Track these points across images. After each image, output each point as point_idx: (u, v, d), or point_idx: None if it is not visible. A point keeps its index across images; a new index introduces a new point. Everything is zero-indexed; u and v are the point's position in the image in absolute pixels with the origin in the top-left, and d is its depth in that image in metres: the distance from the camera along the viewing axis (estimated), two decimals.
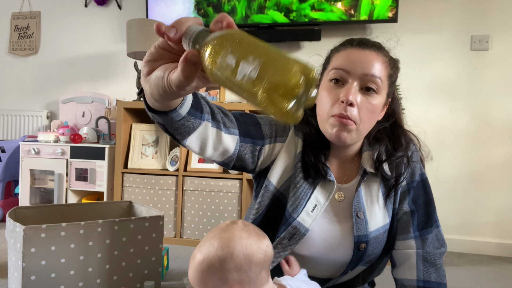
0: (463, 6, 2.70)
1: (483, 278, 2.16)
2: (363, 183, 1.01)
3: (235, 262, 0.78)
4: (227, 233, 0.82)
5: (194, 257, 0.81)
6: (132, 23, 2.76)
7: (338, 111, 0.90)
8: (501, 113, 2.65)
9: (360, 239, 0.98)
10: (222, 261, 0.78)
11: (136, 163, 2.77)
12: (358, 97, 0.91)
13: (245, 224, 0.85)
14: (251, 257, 0.80)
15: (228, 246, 0.79)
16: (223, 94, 2.85)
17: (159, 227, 1.66)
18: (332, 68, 0.95)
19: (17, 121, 3.43)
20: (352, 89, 0.90)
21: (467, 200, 2.69)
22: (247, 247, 0.80)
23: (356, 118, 0.90)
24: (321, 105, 0.96)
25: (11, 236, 1.42)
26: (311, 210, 0.98)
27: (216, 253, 0.79)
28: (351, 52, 0.95)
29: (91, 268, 1.47)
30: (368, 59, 0.92)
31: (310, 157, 0.99)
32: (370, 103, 0.92)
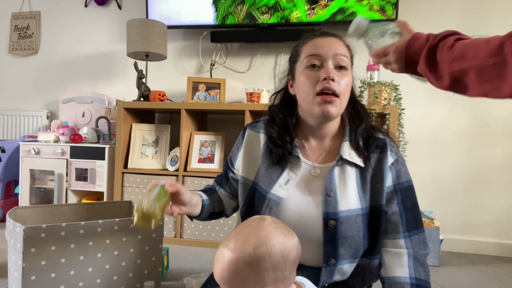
0: (463, 6, 2.70)
1: (483, 278, 2.16)
2: (338, 167, 1.08)
3: (273, 261, 0.76)
4: (262, 230, 0.79)
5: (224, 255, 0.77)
6: (132, 23, 2.76)
7: (321, 87, 1.04)
8: (501, 113, 2.65)
9: (329, 216, 1.03)
10: (260, 260, 0.75)
11: (136, 163, 2.77)
12: (337, 75, 1.05)
13: (275, 220, 0.84)
14: (287, 255, 0.78)
15: (266, 244, 0.77)
16: (223, 94, 2.85)
17: (159, 227, 1.66)
18: (305, 57, 1.09)
19: (17, 121, 3.43)
20: (330, 68, 1.05)
21: (467, 200, 2.70)
22: (283, 245, 0.78)
23: (339, 91, 1.04)
24: (303, 90, 1.08)
25: (11, 236, 1.42)
26: (284, 183, 1.08)
27: (254, 252, 0.76)
28: (318, 40, 1.10)
29: (91, 268, 1.47)
30: (334, 43, 1.09)
31: (276, 142, 1.12)
32: (345, 79, 1.07)
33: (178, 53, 3.20)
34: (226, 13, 2.89)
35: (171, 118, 3.14)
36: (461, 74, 0.81)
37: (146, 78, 2.83)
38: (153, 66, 3.17)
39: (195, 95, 2.85)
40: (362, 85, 2.42)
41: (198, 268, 2.18)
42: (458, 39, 0.85)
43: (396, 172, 1.09)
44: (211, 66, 3.10)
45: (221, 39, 2.98)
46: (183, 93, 3.12)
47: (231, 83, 3.07)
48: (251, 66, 3.07)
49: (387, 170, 1.08)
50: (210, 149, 2.71)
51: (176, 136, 2.88)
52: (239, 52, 3.10)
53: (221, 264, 0.78)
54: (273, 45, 3.01)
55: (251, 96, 2.69)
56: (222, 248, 0.79)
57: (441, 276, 2.16)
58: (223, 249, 0.79)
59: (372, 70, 2.47)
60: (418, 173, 2.75)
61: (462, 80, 0.82)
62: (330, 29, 2.83)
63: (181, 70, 3.20)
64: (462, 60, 0.80)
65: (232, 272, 0.76)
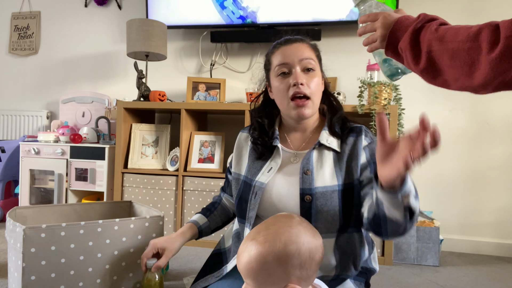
0: (463, 6, 2.70)
1: (483, 278, 2.16)
2: (315, 150, 1.18)
3: (301, 259, 0.78)
4: (293, 228, 0.81)
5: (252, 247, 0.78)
6: (132, 23, 2.76)
7: (293, 92, 1.15)
8: (501, 113, 2.65)
9: (305, 192, 1.12)
10: (290, 256, 0.77)
11: (136, 163, 2.77)
12: (304, 78, 1.16)
13: (302, 219, 0.86)
14: (314, 255, 0.80)
15: (296, 242, 0.78)
16: (223, 95, 2.85)
17: (159, 227, 1.66)
18: (275, 66, 1.21)
19: (17, 121, 3.43)
20: (298, 73, 1.16)
21: (467, 200, 2.69)
22: (311, 245, 0.80)
23: (310, 93, 1.16)
24: (278, 96, 1.21)
25: (11, 236, 1.42)
26: (267, 171, 1.20)
27: (284, 248, 0.77)
28: (284, 49, 1.21)
29: (91, 268, 1.46)
30: (297, 49, 1.20)
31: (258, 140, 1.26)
32: (313, 80, 1.17)
33: (178, 53, 3.20)
34: None
35: (171, 118, 3.14)
36: (437, 55, 0.82)
37: (146, 78, 2.83)
38: (153, 66, 3.17)
39: (195, 95, 2.85)
40: (362, 85, 2.42)
41: (198, 268, 2.17)
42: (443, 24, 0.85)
43: (370, 151, 1.16)
44: (211, 66, 3.10)
45: (221, 39, 2.98)
46: (183, 93, 3.12)
47: (231, 83, 3.07)
48: (251, 66, 3.07)
49: (361, 150, 1.16)
50: (210, 149, 2.71)
51: (176, 136, 2.88)
52: (239, 52, 3.10)
53: (249, 256, 0.79)
54: None
55: (251, 96, 2.69)
56: (249, 240, 0.81)
57: (441, 276, 2.16)
58: (251, 241, 0.80)
59: (372, 70, 2.47)
60: (418, 173, 2.75)
61: (437, 62, 0.82)
62: (330, 30, 2.85)
63: (181, 70, 3.20)
64: (441, 41, 0.81)
65: (260, 265, 0.77)
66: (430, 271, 2.24)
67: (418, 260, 2.37)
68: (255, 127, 1.30)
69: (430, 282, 2.06)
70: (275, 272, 0.77)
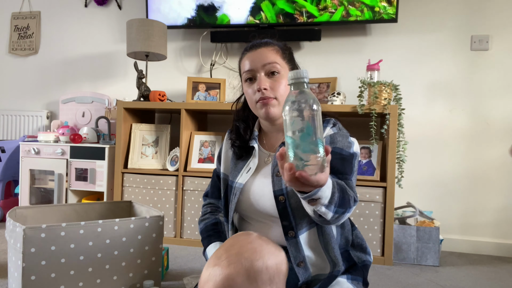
0: (463, 6, 2.70)
1: (483, 278, 2.16)
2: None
3: (269, 273, 0.76)
4: (253, 244, 0.79)
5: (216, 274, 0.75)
6: (132, 23, 2.76)
7: (258, 97, 1.20)
8: (501, 113, 2.65)
9: (277, 193, 1.15)
10: (258, 273, 0.74)
11: (136, 163, 2.77)
12: (268, 82, 1.20)
13: (260, 236, 0.85)
14: (280, 266, 0.78)
15: (262, 257, 0.76)
16: (223, 95, 2.85)
17: (159, 227, 1.66)
18: (243, 72, 1.25)
19: (17, 121, 3.43)
20: (261, 79, 1.20)
21: (467, 200, 2.69)
22: (277, 258, 0.79)
23: (273, 95, 1.19)
24: (248, 100, 1.27)
25: (11, 236, 1.42)
26: (246, 172, 1.26)
27: (251, 265, 0.74)
28: (249, 55, 1.25)
29: (91, 268, 1.47)
30: (261, 54, 1.22)
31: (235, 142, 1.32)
32: (278, 82, 1.20)
33: (178, 53, 3.20)
34: None
35: (171, 118, 3.14)
36: None
37: (146, 78, 2.83)
38: (153, 66, 3.17)
39: (195, 95, 2.85)
40: (362, 85, 2.42)
41: (198, 268, 2.18)
42: None
43: (331, 139, 1.16)
44: (211, 66, 3.10)
45: (221, 39, 2.98)
46: (183, 93, 3.12)
47: (231, 83, 3.07)
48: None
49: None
50: (210, 149, 2.71)
51: (176, 136, 2.88)
52: (239, 52, 3.09)
53: (214, 284, 0.74)
54: None
55: None
56: (211, 267, 0.77)
57: (441, 276, 2.16)
58: (213, 267, 0.76)
59: (372, 70, 2.47)
60: (418, 173, 2.75)
61: None
62: (330, 30, 2.85)
63: (181, 70, 3.20)
64: None
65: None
66: (430, 271, 2.24)
67: (418, 260, 2.37)
68: (232, 130, 1.37)
69: (430, 282, 2.06)
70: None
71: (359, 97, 2.44)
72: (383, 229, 2.34)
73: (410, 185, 2.71)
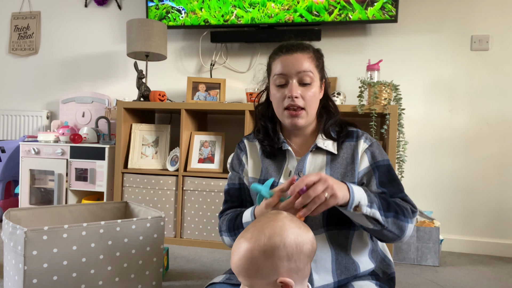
0: (463, 6, 2.70)
1: (483, 278, 2.17)
2: (311, 153, 1.23)
3: (287, 250, 0.79)
4: (277, 221, 0.83)
5: (241, 245, 0.82)
6: (132, 23, 2.76)
7: (287, 104, 1.18)
8: (501, 113, 2.65)
9: None
10: (275, 249, 0.79)
11: (136, 163, 2.77)
12: (299, 90, 1.18)
13: (291, 215, 0.88)
14: (301, 246, 0.81)
15: (280, 234, 0.80)
16: (223, 94, 2.85)
17: (160, 228, 1.66)
18: (274, 75, 1.23)
19: (17, 121, 3.43)
20: (293, 85, 1.18)
21: (467, 200, 2.70)
22: (298, 237, 0.82)
23: (303, 105, 1.18)
24: (274, 104, 1.25)
25: (10, 239, 1.40)
26: (289, 174, 1.23)
27: (268, 241, 0.79)
28: (284, 58, 1.21)
29: (93, 270, 1.47)
30: (297, 60, 1.19)
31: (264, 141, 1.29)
32: (309, 92, 1.20)
33: (178, 53, 3.20)
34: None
35: (171, 118, 3.14)
36: None
37: (146, 78, 2.83)
38: (153, 66, 3.17)
39: (195, 95, 2.85)
40: (362, 85, 2.43)
41: (198, 268, 2.18)
42: None
43: (371, 154, 1.20)
44: (211, 66, 3.10)
45: (221, 39, 2.98)
46: (183, 93, 3.12)
47: (231, 83, 3.07)
48: (251, 66, 3.07)
49: (359, 153, 1.20)
50: (210, 149, 2.71)
51: (176, 136, 2.88)
52: (239, 52, 3.10)
53: (238, 253, 0.81)
54: (273, 45, 2.96)
55: (251, 96, 2.69)
56: (239, 239, 0.84)
57: (441, 276, 2.17)
58: (240, 239, 0.83)
59: (372, 70, 2.47)
60: (418, 173, 2.75)
61: None
62: (330, 30, 2.85)
63: (181, 70, 3.20)
64: None
65: (248, 261, 0.80)
66: (430, 271, 2.25)
67: (418, 260, 2.37)
68: (259, 129, 1.34)
69: (430, 282, 2.07)
70: (263, 265, 0.79)
71: (359, 97, 2.44)
72: None
73: (410, 185, 2.72)
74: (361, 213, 1.01)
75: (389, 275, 1.24)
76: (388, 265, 1.26)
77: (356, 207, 0.99)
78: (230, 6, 2.88)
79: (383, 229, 1.05)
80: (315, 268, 1.12)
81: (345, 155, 1.21)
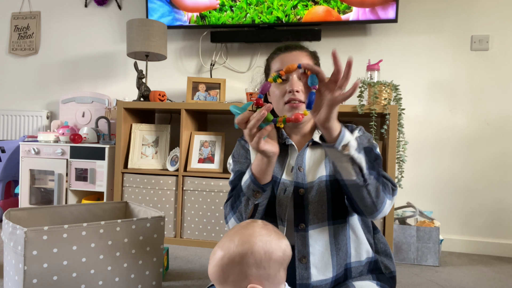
0: (463, 6, 2.70)
1: (483, 278, 2.17)
2: (309, 148, 1.24)
3: (255, 257, 0.81)
4: (247, 229, 0.86)
5: (215, 253, 0.84)
6: (132, 23, 2.76)
7: (288, 98, 1.18)
8: (501, 113, 2.65)
9: (298, 185, 1.18)
10: (242, 256, 0.81)
11: (136, 163, 2.77)
12: (300, 85, 1.18)
13: (265, 223, 0.90)
14: (270, 253, 0.83)
15: (248, 241, 0.83)
16: (223, 94, 2.85)
17: (160, 228, 1.67)
18: (274, 72, 1.24)
19: (17, 121, 3.43)
20: (294, 81, 1.18)
21: (467, 200, 2.70)
22: (267, 244, 0.83)
23: (304, 99, 1.18)
24: (274, 100, 1.24)
25: (10, 239, 1.40)
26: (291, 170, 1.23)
27: (236, 248, 0.82)
28: (283, 56, 1.24)
29: (93, 270, 1.47)
30: (296, 57, 1.23)
31: None
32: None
33: (178, 53, 3.20)
34: None
35: (171, 118, 3.14)
36: None
37: (146, 78, 2.83)
38: (153, 66, 3.17)
39: (195, 95, 2.85)
40: (362, 85, 2.43)
41: (198, 269, 2.18)
42: None
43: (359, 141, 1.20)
44: (211, 66, 3.10)
45: (221, 39, 2.98)
46: (183, 93, 3.12)
47: (231, 83, 3.07)
48: (251, 66, 3.07)
49: None
50: (210, 149, 2.71)
51: (176, 136, 2.89)
52: (239, 52, 3.10)
53: (212, 261, 0.85)
54: (273, 45, 3.00)
55: (251, 96, 2.69)
56: (215, 248, 0.87)
57: (441, 276, 2.17)
58: (216, 248, 0.86)
59: (372, 70, 2.48)
60: (418, 173, 2.75)
61: None
62: (330, 30, 2.85)
63: (181, 70, 3.20)
64: None
65: (219, 268, 0.83)
66: (430, 271, 2.25)
67: (418, 260, 2.37)
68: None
69: (430, 282, 2.07)
70: (233, 272, 0.82)
71: (359, 97, 2.44)
72: (383, 229, 2.34)
73: (410, 185, 2.72)
74: (348, 154, 0.97)
75: (391, 272, 1.25)
76: (390, 258, 1.27)
77: (345, 146, 0.97)
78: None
79: (364, 186, 1.02)
80: (313, 262, 1.13)
81: None
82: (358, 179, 1.01)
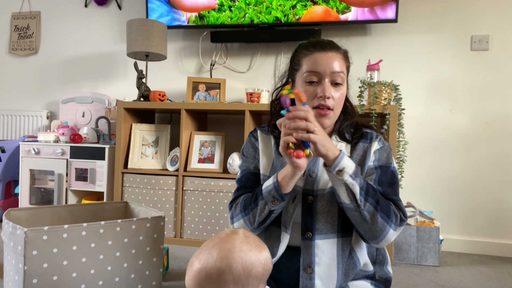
0: (463, 6, 2.70)
1: (483, 278, 2.17)
2: None
3: (233, 275, 0.78)
4: (227, 244, 0.81)
5: (192, 265, 0.81)
6: (132, 23, 2.76)
7: (317, 103, 1.14)
8: (501, 113, 2.65)
9: (307, 192, 1.15)
10: (220, 273, 0.77)
11: (136, 163, 2.77)
12: (332, 91, 1.15)
13: (246, 235, 0.85)
14: (250, 270, 0.79)
15: (227, 258, 0.78)
16: (223, 94, 2.85)
17: (160, 228, 1.67)
18: (305, 71, 1.18)
19: (17, 121, 3.43)
20: (327, 85, 1.15)
21: (467, 200, 2.70)
22: (247, 260, 0.79)
23: (332, 105, 1.15)
24: None
25: (10, 239, 1.40)
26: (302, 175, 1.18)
27: (215, 264, 0.78)
28: (318, 56, 1.17)
29: (93, 270, 1.47)
30: (332, 59, 1.17)
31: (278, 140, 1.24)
32: (339, 93, 1.18)
33: (178, 53, 3.20)
34: None
35: (171, 118, 3.14)
36: None
37: (146, 78, 2.83)
38: (153, 66, 3.17)
39: (195, 95, 2.85)
40: (362, 85, 2.43)
41: None
42: None
43: (379, 156, 1.20)
44: (211, 66, 3.10)
45: (221, 39, 2.98)
46: (183, 93, 3.12)
47: (231, 83, 3.07)
48: (251, 66, 3.07)
49: (370, 154, 1.19)
50: (210, 149, 2.71)
51: (176, 136, 2.89)
52: (239, 52, 3.10)
53: (189, 273, 0.81)
54: (273, 45, 3.01)
55: (251, 96, 2.69)
56: (193, 257, 0.83)
57: (441, 276, 2.17)
58: (194, 258, 0.82)
59: (372, 70, 2.47)
60: (418, 173, 2.75)
61: None
62: (330, 30, 2.85)
63: (181, 70, 3.20)
64: None
65: (196, 282, 0.79)
66: (430, 271, 2.25)
67: (418, 260, 2.37)
68: (274, 125, 1.26)
69: (430, 282, 2.07)
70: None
71: (359, 97, 2.44)
72: None
73: (410, 185, 2.72)
74: (342, 180, 1.01)
75: (386, 278, 1.24)
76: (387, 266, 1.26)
77: (340, 171, 1.00)
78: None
79: (357, 210, 1.04)
80: (318, 273, 1.11)
81: (358, 157, 1.19)
82: (352, 204, 1.03)
